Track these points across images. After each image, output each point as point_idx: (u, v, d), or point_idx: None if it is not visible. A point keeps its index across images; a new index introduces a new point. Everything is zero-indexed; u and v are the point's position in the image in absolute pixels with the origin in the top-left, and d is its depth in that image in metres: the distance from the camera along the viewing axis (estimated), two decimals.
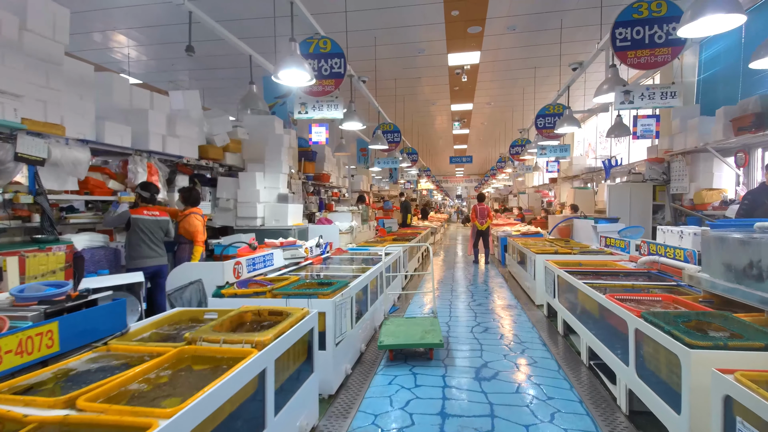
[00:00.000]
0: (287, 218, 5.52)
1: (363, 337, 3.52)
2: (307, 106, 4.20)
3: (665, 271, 3.80)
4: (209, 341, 1.90)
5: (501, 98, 10.16)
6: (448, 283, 6.53)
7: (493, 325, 4.27)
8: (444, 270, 7.95)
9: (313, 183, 9.43)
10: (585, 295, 3.28)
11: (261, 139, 5.93)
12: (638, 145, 9.18)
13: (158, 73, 8.23)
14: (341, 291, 2.91)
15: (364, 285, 3.57)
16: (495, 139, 16.67)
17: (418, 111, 11.40)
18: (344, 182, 11.86)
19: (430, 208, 25.84)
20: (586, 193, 10.82)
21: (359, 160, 13.38)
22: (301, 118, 4.19)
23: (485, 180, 22.47)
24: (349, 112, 4.88)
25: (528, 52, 7.21)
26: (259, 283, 3.12)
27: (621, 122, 6.03)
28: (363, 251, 5.69)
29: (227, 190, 5.61)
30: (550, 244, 6.28)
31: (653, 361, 2.23)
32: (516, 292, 5.83)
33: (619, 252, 4.99)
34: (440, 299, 5.46)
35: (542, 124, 6.35)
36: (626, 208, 7.14)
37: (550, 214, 12.46)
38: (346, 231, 6.23)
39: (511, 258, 7.34)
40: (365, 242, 6.87)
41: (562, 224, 7.22)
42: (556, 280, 4.15)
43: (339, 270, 4.14)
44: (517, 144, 9.45)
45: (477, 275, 7.37)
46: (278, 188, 5.73)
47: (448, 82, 8.70)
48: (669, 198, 6.94)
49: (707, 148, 5.73)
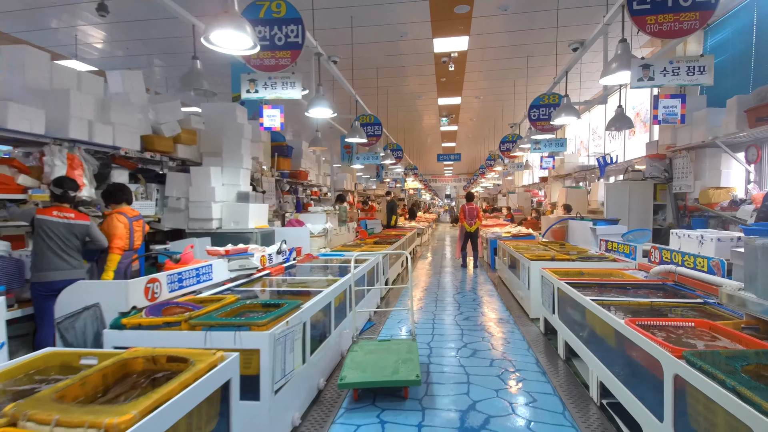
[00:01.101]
0: (248, 220, 4.80)
1: (322, 370, 2.85)
2: (258, 84, 3.49)
3: (683, 283, 3.22)
4: (38, 422, 1.20)
5: (491, 91, 9.56)
6: (432, 292, 5.89)
7: (483, 346, 3.64)
8: (429, 275, 7.32)
9: (289, 181, 8.72)
10: (594, 316, 2.66)
11: (221, 129, 5.20)
12: (634, 142, 8.69)
13: (126, 58, 7.43)
14: (287, 317, 2.23)
15: (325, 304, 2.90)
16: (484, 137, 16.12)
17: (404, 105, 10.75)
18: (325, 180, 11.16)
19: (418, 208, 25.27)
20: (579, 192, 10.31)
21: (343, 158, 12.67)
22: (250, 98, 3.50)
23: (474, 179, 21.97)
24: (317, 97, 4.19)
25: (521, 38, 6.61)
26: (184, 306, 2.43)
27: (622, 114, 5.46)
28: (337, 257, 5.01)
29: (178, 187, 4.88)
30: (545, 248, 5.69)
31: (705, 423, 1.61)
32: (508, 303, 5.22)
33: (624, 258, 4.42)
34: (423, 311, 4.82)
35: (536, 115, 5.75)
36: (625, 208, 6.60)
37: (542, 214, 11.95)
38: (319, 234, 5.55)
39: (502, 262, 6.74)
40: (342, 246, 6.20)
41: (556, 226, 6.64)
42: (555, 293, 3.53)
43: (299, 284, 3.45)
44: (508, 140, 8.87)
45: (465, 281, 6.75)
46: (239, 185, 5.01)
47: (435, 72, 8.06)
48: (671, 197, 6.42)
49: (716, 142, 5.19)
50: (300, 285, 3.40)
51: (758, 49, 5.11)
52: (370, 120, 6.99)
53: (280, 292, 3.08)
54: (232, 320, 2.10)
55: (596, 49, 6.96)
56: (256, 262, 3.45)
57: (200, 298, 2.64)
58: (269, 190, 7.38)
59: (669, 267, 3.35)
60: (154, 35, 6.51)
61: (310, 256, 4.78)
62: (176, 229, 5.01)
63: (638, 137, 8.54)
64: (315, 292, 2.92)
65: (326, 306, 2.95)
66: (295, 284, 3.43)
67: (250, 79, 3.49)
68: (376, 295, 5.01)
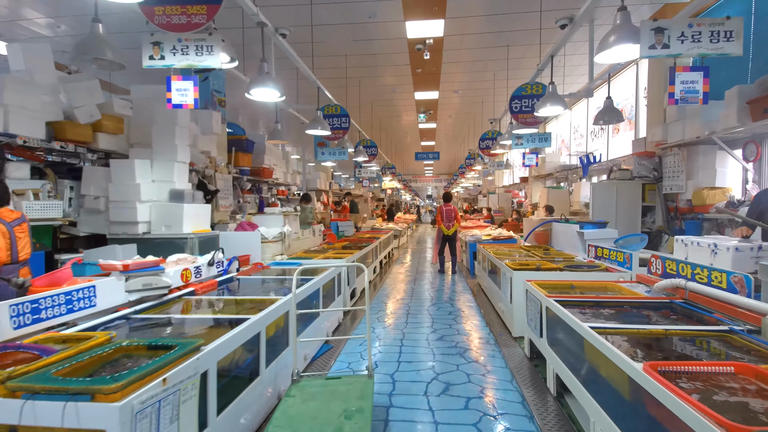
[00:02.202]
0: (182, 223, 4.03)
1: (243, 428, 2.14)
2: (164, 48, 2.73)
3: (695, 302, 2.67)
4: None
5: (470, 85, 9.01)
6: (404, 303, 5.24)
7: (458, 377, 3.00)
8: (404, 283, 6.68)
9: (251, 179, 7.93)
10: (596, 351, 2.05)
11: (159, 118, 4.40)
12: (619, 140, 8.30)
13: (26, 28, 6.44)
14: (166, 372, 1.52)
15: (251, 336, 2.20)
16: (464, 136, 15.64)
17: (379, 99, 10.09)
18: (295, 179, 10.39)
19: (396, 209, 24.69)
20: (561, 192, 9.88)
21: (317, 156, 11.94)
22: (155, 66, 2.75)
23: (454, 179, 21.55)
24: (259, 75, 3.45)
25: (501, 23, 6.05)
26: (28, 351, 1.69)
27: (611, 106, 4.96)
28: (293, 267, 4.30)
29: (96, 184, 4.06)
30: (528, 254, 5.13)
31: None
32: (488, 316, 4.62)
33: (617, 267, 3.87)
34: (392, 329, 4.16)
35: (518, 107, 5.18)
36: (612, 209, 6.13)
37: (523, 216, 11.51)
38: (274, 239, 4.82)
39: (482, 268, 6.17)
40: (303, 252, 5.48)
41: (539, 229, 6.11)
42: (543, 312, 2.93)
43: (226, 307, 2.73)
44: (488, 137, 8.34)
45: (442, 290, 6.13)
46: (173, 182, 4.23)
47: (409, 62, 7.43)
48: (661, 198, 5.98)
49: (713, 138, 4.74)
50: (225, 310, 2.68)
51: (757, 37, 4.69)
52: (335, 111, 6.29)
53: (189, 322, 2.36)
54: (70, 382, 1.37)
55: (581, 39, 6.48)
56: (171, 279, 2.71)
57: (64, 335, 1.90)
58: (225, 189, 6.60)
59: (677, 282, 2.79)
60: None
61: (258, 266, 4.06)
62: (96, 234, 4.20)
63: (622, 135, 8.14)
64: (238, 321, 2.22)
65: (253, 339, 2.24)
66: (220, 309, 2.71)
67: (154, 42, 2.72)
68: (331, 319, 4.32)
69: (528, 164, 6.01)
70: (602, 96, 5.03)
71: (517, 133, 5.87)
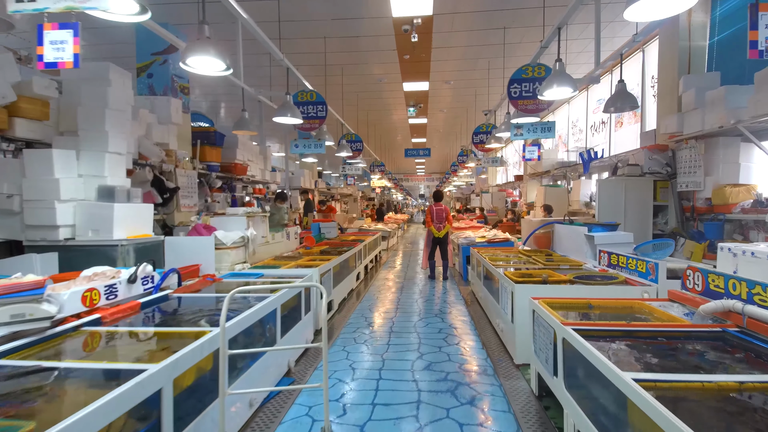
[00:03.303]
0: (112, 227, 3.30)
1: None
2: None
3: (756, 331, 2.04)
4: None
5: (462, 75, 8.35)
6: (388, 318, 4.57)
7: (448, 426, 2.33)
8: (389, 291, 6.01)
9: (222, 176, 7.19)
10: (647, 418, 1.40)
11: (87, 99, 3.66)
12: (622, 135, 7.71)
13: None
14: None
15: (136, 402, 1.50)
16: (456, 133, 15.01)
17: (365, 91, 9.39)
18: (275, 177, 9.65)
19: (386, 209, 24.00)
20: (559, 191, 9.30)
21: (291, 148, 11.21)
22: (23, 11, 2.01)
23: (446, 177, 20.94)
24: (199, 40, 2.72)
25: (495, 0, 5.40)
26: None
27: (624, 90, 4.34)
28: (254, 278, 3.61)
29: (10, 180, 3.32)
30: (529, 260, 4.49)
31: None
32: (484, 334, 3.96)
33: (638, 279, 3.25)
34: (370, 355, 3.48)
35: (517, 92, 4.53)
36: (619, 209, 5.52)
37: (519, 216, 10.91)
38: (234, 245, 4.11)
39: (476, 275, 5.52)
40: (273, 259, 4.78)
41: (540, 231, 5.48)
42: (558, 344, 2.27)
43: (129, 347, 2.03)
44: (482, 131, 7.69)
45: (432, 300, 5.47)
46: (104, 177, 3.49)
47: (396, 46, 6.75)
48: (675, 197, 5.38)
49: (739, 127, 4.14)
50: (124, 351, 1.98)
51: None
52: (310, 97, 5.58)
53: (60, 376, 1.64)
54: None
55: (585, 20, 5.87)
56: (64, 304, 2.00)
57: None
58: (187, 186, 5.88)
59: (731, 304, 2.15)
60: None
61: (206, 279, 3.35)
62: (11, 240, 3.46)
63: (626, 129, 7.56)
64: (130, 374, 1.53)
65: (150, 400, 1.55)
66: (118, 350, 2.00)
67: None
68: (306, 329, 3.62)
69: (529, 158, 5.34)
70: (604, 87, 4.40)
71: (517, 123, 5.20)
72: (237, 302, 2.73)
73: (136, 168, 4.96)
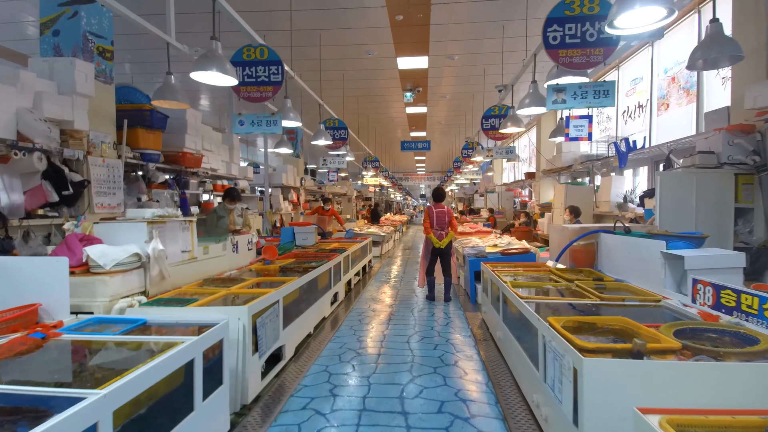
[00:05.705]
0: None
1: None
2: None
3: None
4: None
5: (470, 46, 6.82)
6: (364, 374, 3.10)
7: None
8: (374, 322, 4.53)
9: (165, 167, 5.72)
10: None
11: None
12: (667, 119, 6.21)
13: None
14: None
15: None
16: (460, 125, 13.52)
17: (353, 69, 7.89)
18: (245, 172, 8.16)
19: (382, 210, 22.50)
20: (583, 190, 7.83)
21: (235, 127, 9.66)
22: None
23: (448, 176, 19.45)
24: None
25: None
26: None
27: (721, 33, 2.87)
28: (118, 335, 2.15)
29: None
30: (572, 288, 2.98)
31: None
32: (511, 412, 2.48)
33: None
34: None
35: (557, 38, 3.02)
36: (689, 212, 4.04)
37: (532, 219, 9.43)
38: (118, 268, 2.63)
39: (489, 300, 4.04)
40: (198, 285, 3.30)
41: (580, 243, 3.99)
42: None
43: None
44: (494, 114, 6.21)
45: (430, 338, 3.99)
46: None
47: (385, 1, 5.26)
48: (765, 196, 3.89)
49: None
50: None
51: None
52: (261, 55, 4.06)
53: None
54: None
55: None
56: None
57: None
58: (107, 180, 4.47)
59: None
60: None
61: (27, 337, 1.87)
62: None
63: (674, 112, 6.07)
64: None
65: None
66: None
67: None
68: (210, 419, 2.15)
69: (575, 136, 3.75)
70: (643, 62, 2.92)
71: (557, 85, 3.46)
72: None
73: (16, 153, 3.54)
